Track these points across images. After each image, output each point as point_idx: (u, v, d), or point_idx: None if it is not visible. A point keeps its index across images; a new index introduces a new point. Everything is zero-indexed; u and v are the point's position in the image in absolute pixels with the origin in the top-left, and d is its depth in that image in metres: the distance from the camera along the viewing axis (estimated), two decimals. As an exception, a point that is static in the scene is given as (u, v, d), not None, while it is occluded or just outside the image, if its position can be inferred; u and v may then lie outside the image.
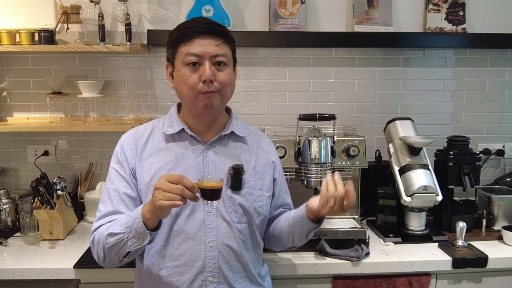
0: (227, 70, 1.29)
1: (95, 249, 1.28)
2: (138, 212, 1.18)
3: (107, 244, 1.22)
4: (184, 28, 1.26)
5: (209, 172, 1.32)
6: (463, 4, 2.22)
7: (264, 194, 1.38)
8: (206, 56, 1.24)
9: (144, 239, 1.18)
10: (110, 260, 1.26)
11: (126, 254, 1.22)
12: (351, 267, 1.65)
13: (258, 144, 1.44)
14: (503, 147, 2.34)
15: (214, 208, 1.30)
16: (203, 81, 1.24)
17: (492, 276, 1.74)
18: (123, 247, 1.20)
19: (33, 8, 2.00)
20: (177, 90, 1.31)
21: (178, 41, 1.27)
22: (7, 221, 1.95)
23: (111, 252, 1.23)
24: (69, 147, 2.23)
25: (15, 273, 1.58)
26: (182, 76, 1.26)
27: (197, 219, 1.29)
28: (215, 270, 1.28)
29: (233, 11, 2.14)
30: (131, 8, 2.04)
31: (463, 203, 1.93)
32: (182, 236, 1.28)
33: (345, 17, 2.22)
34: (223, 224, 1.30)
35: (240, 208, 1.32)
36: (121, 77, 2.19)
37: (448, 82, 2.31)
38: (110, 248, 1.22)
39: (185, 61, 1.25)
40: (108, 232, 1.22)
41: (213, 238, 1.29)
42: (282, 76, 2.25)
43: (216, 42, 1.26)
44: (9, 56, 2.15)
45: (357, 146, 1.81)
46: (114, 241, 1.21)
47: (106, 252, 1.24)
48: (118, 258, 1.24)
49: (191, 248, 1.28)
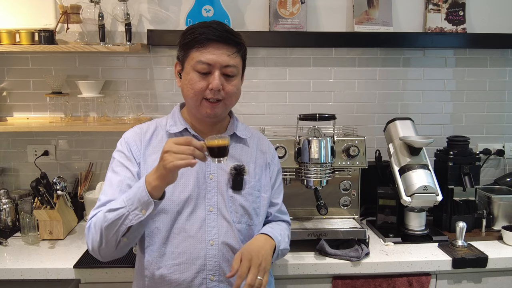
0: (235, 81, 1.30)
1: (90, 235, 1.22)
2: (141, 182, 1.16)
3: (106, 222, 1.16)
4: (198, 33, 1.25)
5: (211, 172, 1.33)
6: (463, 4, 2.22)
7: (263, 195, 1.40)
8: (217, 66, 1.25)
9: (147, 209, 1.13)
10: (106, 245, 1.19)
11: (125, 232, 1.16)
12: (351, 267, 1.65)
13: (258, 146, 1.45)
14: (503, 147, 2.34)
15: (215, 208, 1.30)
16: (210, 89, 1.25)
17: (492, 276, 1.74)
18: (124, 222, 1.15)
19: (33, 8, 2.00)
20: (183, 91, 1.32)
21: (191, 45, 1.26)
22: (7, 221, 1.96)
23: (109, 231, 1.16)
24: (69, 147, 2.23)
25: (15, 273, 1.58)
26: (190, 80, 1.27)
27: (198, 217, 1.29)
28: (216, 268, 1.29)
29: (233, 11, 2.14)
30: (131, 8, 2.04)
31: (463, 203, 1.93)
32: (182, 235, 1.28)
33: (345, 17, 2.22)
34: (223, 223, 1.31)
35: (241, 208, 1.33)
36: (121, 77, 2.19)
37: (448, 82, 2.31)
38: (109, 226, 1.16)
39: (195, 67, 1.25)
40: (107, 209, 1.18)
41: (214, 236, 1.29)
42: (282, 76, 2.25)
43: (228, 52, 1.26)
44: (9, 56, 2.15)
45: (357, 146, 1.81)
46: (113, 217, 1.15)
47: (103, 233, 1.17)
48: (116, 239, 1.17)
49: (192, 246, 1.28)
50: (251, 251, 1.23)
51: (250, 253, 1.22)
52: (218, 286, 1.29)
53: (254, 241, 1.30)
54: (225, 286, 1.30)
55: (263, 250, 1.26)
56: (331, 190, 1.88)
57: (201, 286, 1.28)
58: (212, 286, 1.29)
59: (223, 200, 1.31)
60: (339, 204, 1.89)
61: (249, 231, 1.36)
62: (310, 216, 1.89)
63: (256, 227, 1.38)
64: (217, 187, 1.32)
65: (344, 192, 1.89)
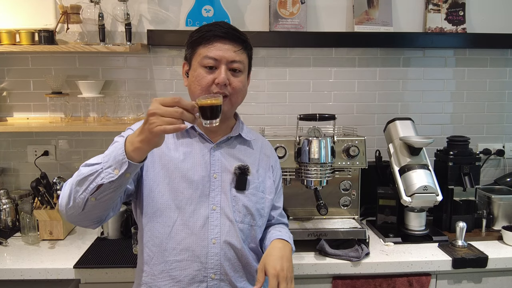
0: (242, 77, 1.32)
1: (64, 191, 1.14)
2: (121, 141, 1.09)
3: (79, 177, 1.09)
4: (205, 30, 1.29)
5: (215, 171, 1.33)
6: (463, 4, 2.22)
7: (266, 196, 1.41)
8: (223, 61, 1.27)
9: (120, 169, 1.05)
10: (74, 202, 1.11)
11: (94, 190, 1.08)
12: (351, 267, 1.65)
13: (262, 149, 1.46)
14: (503, 147, 2.34)
15: (218, 206, 1.30)
16: (216, 83, 1.26)
17: (492, 276, 1.74)
18: (95, 179, 1.07)
19: (33, 8, 2.00)
20: (189, 89, 1.33)
21: (198, 42, 1.29)
22: (7, 221, 1.95)
23: (80, 187, 1.09)
24: (69, 147, 2.23)
25: (15, 273, 1.58)
26: (197, 76, 1.28)
27: (201, 215, 1.29)
28: (217, 267, 1.29)
29: (233, 11, 2.14)
30: (131, 8, 2.04)
31: (463, 203, 1.93)
32: (186, 231, 1.28)
33: (345, 17, 2.22)
34: (226, 222, 1.31)
35: (244, 208, 1.34)
36: (121, 77, 2.19)
37: (448, 82, 2.31)
38: (80, 181, 1.08)
39: (202, 63, 1.28)
40: (83, 164, 1.12)
41: (216, 235, 1.29)
42: (282, 76, 2.25)
43: (234, 48, 1.28)
44: (9, 56, 2.15)
45: (357, 146, 1.81)
46: (87, 172, 1.08)
47: (73, 188, 1.10)
48: (84, 197, 1.09)
49: (194, 243, 1.28)
50: (275, 265, 1.24)
51: (275, 268, 1.23)
52: (219, 285, 1.29)
53: (274, 251, 1.30)
54: (226, 285, 1.31)
55: (285, 258, 1.28)
56: (331, 190, 1.88)
57: (201, 284, 1.28)
58: (212, 284, 1.29)
59: (227, 199, 1.32)
60: (339, 204, 1.89)
61: (251, 232, 1.36)
62: (310, 216, 1.89)
63: (259, 228, 1.39)
64: (221, 186, 1.32)
65: (344, 192, 1.89)
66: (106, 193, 1.10)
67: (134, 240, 1.70)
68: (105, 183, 1.06)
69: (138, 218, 1.34)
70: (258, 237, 1.40)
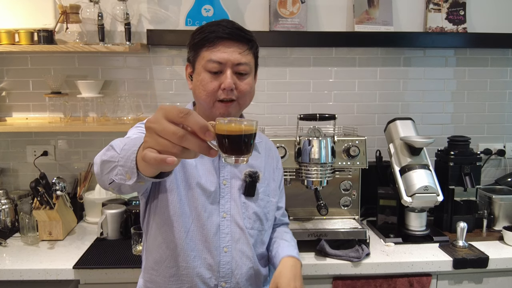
0: (248, 79, 1.26)
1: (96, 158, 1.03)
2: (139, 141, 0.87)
3: (104, 156, 0.98)
4: (207, 32, 1.21)
5: (225, 177, 1.30)
6: (463, 3, 2.22)
7: (271, 200, 1.39)
8: (229, 64, 1.20)
9: (131, 176, 0.86)
10: (101, 177, 1.01)
11: (111, 181, 0.97)
12: (351, 267, 1.64)
13: (266, 151, 1.44)
14: (504, 147, 2.34)
15: (228, 214, 1.27)
16: (222, 89, 1.21)
17: (493, 277, 1.73)
18: (111, 171, 0.95)
19: (33, 7, 1.99)
20: (194, 93, 1.27)
21: (201, 44, 1.22)
22: (6, 222, 1.95)
23: (103, 168, 0.99)
24: (68, 147, 2.22)
25: (14, 273, 1.58)
26: (202, 81, 1.22)
27: (213, 223, 1.26)
28: (228, 275, 1.27)
29: (233, 10, 2.14)
30: (131, 8, 2.03)
31: (464, 203, 1.92)
32: (200, 238, 1.25)
33: (345, 17, 2.22)
34: (236, 229, 1.28)
35: (254, 215, 1.31)
36: (121, 77, 2.19)
37: (448, 82, 2.30)
38: (103, 163, 0.98)
39: (206, 67, 1.21)
40: (112, 143, 1.00)
41: (228, 243, 1.27)
42: (282, 76, 2.24)
43: (239, 50, 1.21)
44: (8, 56, 2.14)
45: (358, 146, 1.81)
46: (108, 158, 0.96)
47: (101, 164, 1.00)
48: (107, 179, 0.98)
49: (207, 251, 1.25)
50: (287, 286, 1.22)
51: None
52: None
53: (285, 269, 1.28)
54: None
55: (298, 277, 1.27)
56: (332, 190, 1.87)
57: None
58: None
59: (236, 207, 1.29)
60: (340, 205, 1.89)
61: (260, 236, 1.34)
62: (311, 216, 1.88)
63: (266, 232, 1.37)
64: (230, 193, 1.29)
65: (344, 193, 1.89)
66: (123, 187, 0.97)
67: (133, 240, 1.70)
68: (116, 181, 0.94)
69: (150, 217, 1.28)
70: (266, 241, 1.39)
